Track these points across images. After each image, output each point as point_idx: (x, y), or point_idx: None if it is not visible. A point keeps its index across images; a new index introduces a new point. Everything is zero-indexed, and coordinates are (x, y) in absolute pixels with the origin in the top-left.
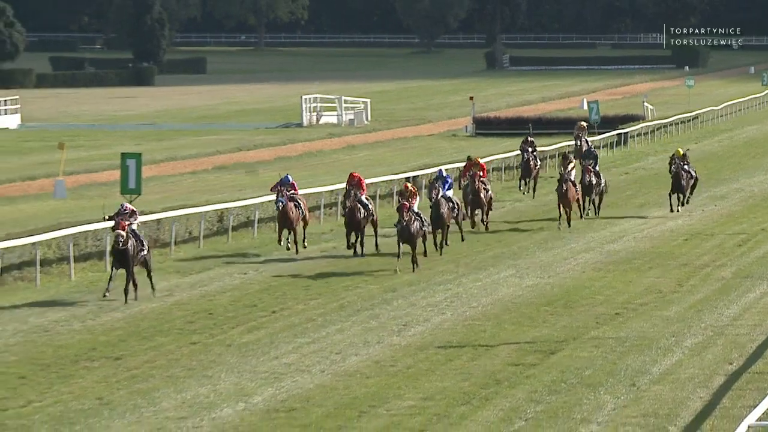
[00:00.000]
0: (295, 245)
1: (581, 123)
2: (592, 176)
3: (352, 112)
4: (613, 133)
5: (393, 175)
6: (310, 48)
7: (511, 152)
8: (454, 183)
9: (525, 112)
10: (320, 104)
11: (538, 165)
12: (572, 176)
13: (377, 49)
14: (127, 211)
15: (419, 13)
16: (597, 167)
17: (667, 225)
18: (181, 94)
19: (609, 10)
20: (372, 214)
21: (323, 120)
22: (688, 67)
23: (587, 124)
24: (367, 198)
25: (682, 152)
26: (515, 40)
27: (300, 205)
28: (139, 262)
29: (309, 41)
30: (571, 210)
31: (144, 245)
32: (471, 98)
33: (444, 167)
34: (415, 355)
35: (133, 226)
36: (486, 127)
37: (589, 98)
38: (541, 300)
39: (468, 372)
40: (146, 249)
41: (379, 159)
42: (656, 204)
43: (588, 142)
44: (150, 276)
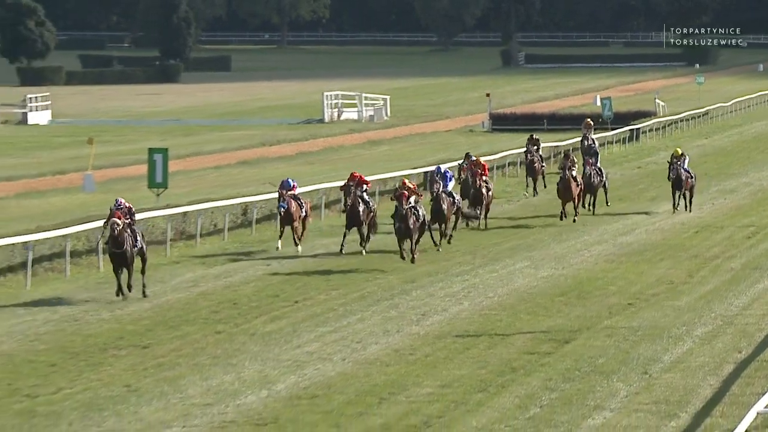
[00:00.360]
0: (296, 244)
1: (587, 120)
2: (593, 172)
3: (372, 108)
4: (626, 128)
5: (412, 169)
6: (332, 46)
7: (522, 148)
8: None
9: (540, 108)
10: (341, 101)
11: (543, 164)
12: (573, 173)
13: (396, 47)
14: (123, 207)
15: (437, 12)
16: (599, 164)
17: (678, 218)
18: (206, 91)
19: (622, 9)
20: (372, 212)
21: (344, 116)
22: (698, 65)
23: (593, 121)
24: (368, 195)
25: (680, 152)
26: (530, 38)
27: (302, 204)
28: (136, 255)
29: (330, 40)
30: (573, 204)
31: (138, 240)
32: (487, 95)
33: (444, 165)
34: (433, 344)
35: (132, 224)
36: (502, 122)
37: (602, 95)
38: (555, 290)
39: (485, 360)
40: (141, 244)
41: (398, 154)
42: (667, 197)
43: (593, 140)
44: (143, 269)
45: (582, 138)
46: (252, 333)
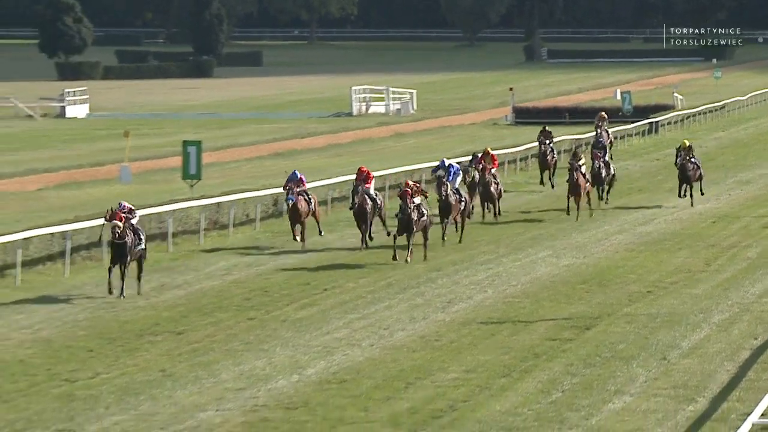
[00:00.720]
0: (303, 238)
1: (602, 113)
2: (601, 165)
3: (400, 102)
4: (645, 121)
5: (434, 162)
6: (360, 42)
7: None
8: (461, 173)
9: (562, 102)
10: (369, 95)
11: (555, 157)
12: (582, 169)
13: (423, 42)
14: (125, 208)
15: (462, 9)
16: (607, 157)
17: (695, 208)
18: (238, 86)
19: (641, 6)
20: (380, 207)
21: (372, 109)
22: (715, 60)
23: (610, 114)
24: (376, 192)
25: (687, 144)
26: (552, 34)
27: (310, 199)
28: (135, 257)
29: (358, 35)
30: (581, 200)
31: (141, 240)
32: (511, 89)
33: (454, 160)
34: (458, 331)
35: (132, 221)
36: (525, 116)
37: (622, 89)
38: (576, 279)
39: (508, 346)
40: (143, 244)
41: (425, 146)
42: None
43: (608, 132)
44: (140, 275)
45: (595, 128)
46: (283, 320)
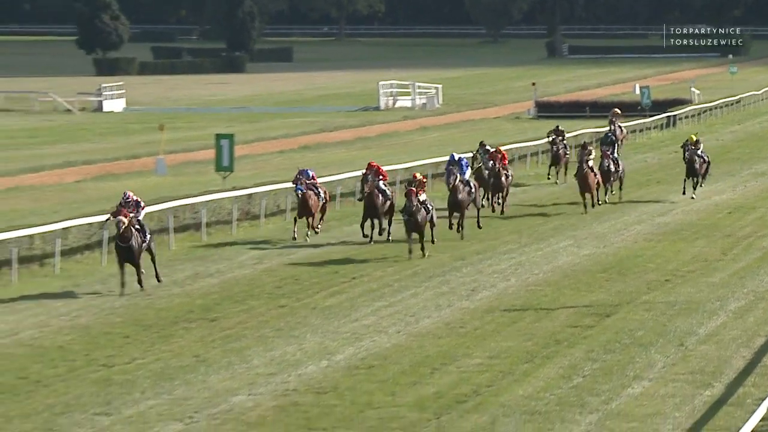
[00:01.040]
0: (310, 230)
1: (615, 109)
2: (610, 162)
3: (425, 96)
4: (663, 115)
5: (463, 153)
6: (387, 38)
7: (569, 133)
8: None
9: (582, 96)
10: (396, 89)
11: (567, 153)
12: (591, 163)
13: (448, 39)
14: (131, 201)
15: (486, 6)
16: (615, 153)
17: (712, 199)
18: (270, 81)
19: (659, 3)
20: (390, 201)
21: (398, 104)
22: (731, 56)
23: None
24: (386, 185)
25: (695, 138)
26: (573, 30)
27: (320, 193)
28: (143, 251)
29: (386, 32)
30: (592, 195)
31: (146, 235)
32: (533, 84)
33: (463, 154)
34: (482, 318)
35: (139, 216)
36: (547, 110)
37: (641, 84)
38: (597, 267)
39: (531, 333)
40: (149, 238)
41: (449, 139)
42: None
43: (621, 128)
44: (154, 262)
45: (609, 123)
46: (313, 307)
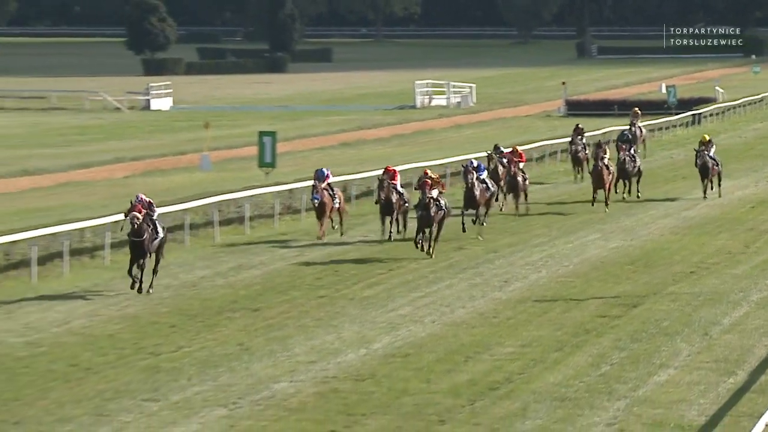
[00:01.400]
0: (334, 227)
1: (635, 109)
2: (627, 159)
3: (459, 95)
4: (689, 113)
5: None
6: (423, 39)
7: (598, 130)
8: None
9: (611, 95)
10: (431, 89)
11: (587, 152)
12: (605, 161)
13: (481, 40)
14: (143, 202)
15: (518, 9)
16: (632, 150)
17: (735, 194)
18: (310, 80)
19: (684, 5)
20: (406, 202)
21: (434, 102)
22: (754, 56)
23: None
24: (402, 187)
25: (707, 138)
26: (602, 31)
27: (335, 195)
28: (153, 250)
29: (421, 33)
30: (605, 191)
31: (158, 233)
32: (563, 83)
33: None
34: (514, 308)
35: (153, 216)
36: (576, 108)
37: (667, 83)
38: (624, 260)
39: (561, 323)
40: (160, 236)
41: (482, 136)
42: (726, 177)
43: (641, 129)
44: (157, 264)
45: (629, 125)
46: (351, 297)
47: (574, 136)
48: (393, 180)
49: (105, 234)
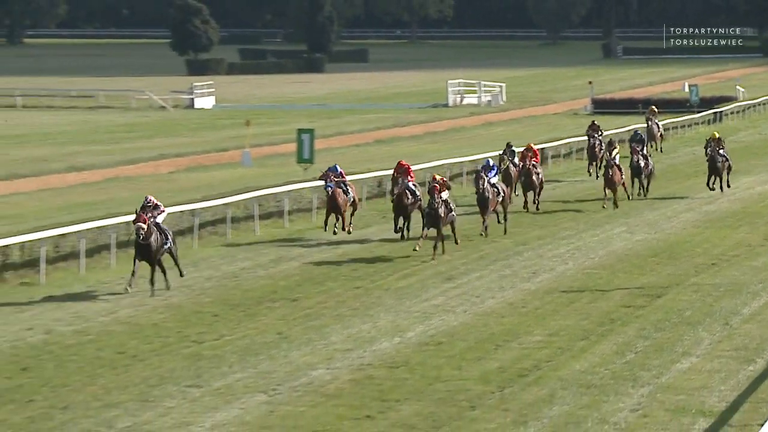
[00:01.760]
0: (342, 229)
1: (652, 107)
2: (639, 158)
3: (490, 94)
4: (710, 111)
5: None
6: (455, 41)
7: (624, 127)
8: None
9: (635, 94)
10: (463, 88)
11: (603, 150)
12: (617, 160)
13: (511, 41)
14: (151, 204)
15: (547, 11)
16: (644, 150)
17: (755, 189)
18: (347, 80)
19: (707, 7)
20: (419, 200)
21: (465, 101)
22: None
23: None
24: (415, 185)
25: (717, 135)
26: (627, 33)
27: (348, 190)
28: (162, 254)
29: (454, 35)
30: (616, 192)
31: (168, 237)
32: (590, 82)
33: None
34: (542, 298)
35: (158, 219)
36: (602, 106)
37: (689, 82)
38: (648, 252)
39: (587, 312)
40: (170, 241)
41: (512, 134)
42: (746, 172)
43: (658, 125)
44: (177, 264)
45: (646, 120)
46: (386, 288)
47: (590, 132)
48: (407, 176)
49: None
